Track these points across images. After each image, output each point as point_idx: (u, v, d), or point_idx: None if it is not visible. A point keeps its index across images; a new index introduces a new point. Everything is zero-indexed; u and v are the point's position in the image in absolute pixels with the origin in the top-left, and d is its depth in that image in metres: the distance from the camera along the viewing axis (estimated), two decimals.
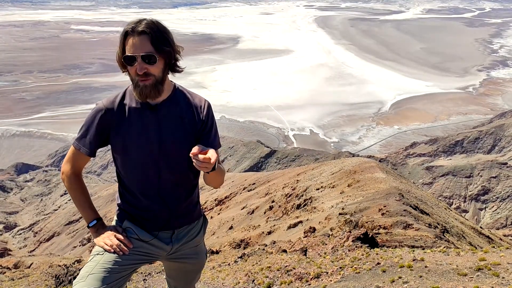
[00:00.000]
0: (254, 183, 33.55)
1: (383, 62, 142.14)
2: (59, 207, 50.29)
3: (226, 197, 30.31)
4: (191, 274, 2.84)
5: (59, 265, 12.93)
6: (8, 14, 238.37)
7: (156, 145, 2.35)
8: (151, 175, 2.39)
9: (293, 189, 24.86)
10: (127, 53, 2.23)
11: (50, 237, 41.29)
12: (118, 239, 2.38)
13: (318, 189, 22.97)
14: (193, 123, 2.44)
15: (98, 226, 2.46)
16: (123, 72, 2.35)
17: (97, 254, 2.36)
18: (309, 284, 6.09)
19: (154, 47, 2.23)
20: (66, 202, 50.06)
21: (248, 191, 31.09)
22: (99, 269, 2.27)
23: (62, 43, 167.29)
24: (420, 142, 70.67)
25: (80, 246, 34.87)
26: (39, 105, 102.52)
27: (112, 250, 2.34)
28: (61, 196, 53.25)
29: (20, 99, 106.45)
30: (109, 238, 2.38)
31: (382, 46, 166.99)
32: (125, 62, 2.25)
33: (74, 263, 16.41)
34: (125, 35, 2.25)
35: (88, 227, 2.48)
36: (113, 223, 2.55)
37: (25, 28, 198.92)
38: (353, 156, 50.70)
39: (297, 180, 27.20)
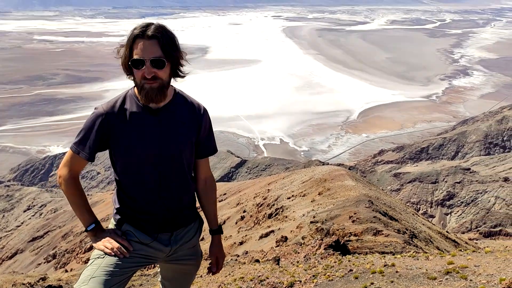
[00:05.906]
0: (225, 193, 33.38)
1: (350, 72, 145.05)
2: (22, 223, 48.42)
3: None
4: (188, 275, 2.86)
5: (23, 283, 12.41)
6: None
7: (157, 149, 2.36)
8: (152, 179, 2.40)
9: (264, 199, 24.87)
10: (136, 57, 2.22)
11: (13, 255, 39.67)
12: (118, 242, 2.38)
13: (289, 198, 23.07)
14: (193, 127, 2.49)
15: (96, 229, 2.45)
16: (127, 75, 2.34)
17: (98, 257, 2.34)
18: None
19: (163, 51, 2.26)
20: (30, 218, 48.30)
21: (219, 201, 30.87)
22: (100, 272, 2.25)
23: (24, 54, 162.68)
24: (387, 150, 72.29)
25: (44, 263, 33.64)
26: (0, 117, 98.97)
27: (113, 253, 2.32)
28: (24, 211, 51.32)
29: None
30: (109, 241, 2.37)
31: (349, 55, 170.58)
32: (133, 65, 2.24)
33: (38, 281, 15.79)
34: (134, 38, 2.24)
35: (86, 231, 2.45)
36: (110, 226, 2.54)
37: None
38: (323, 164, 51.22)
39: (268, 190, 27.25)
